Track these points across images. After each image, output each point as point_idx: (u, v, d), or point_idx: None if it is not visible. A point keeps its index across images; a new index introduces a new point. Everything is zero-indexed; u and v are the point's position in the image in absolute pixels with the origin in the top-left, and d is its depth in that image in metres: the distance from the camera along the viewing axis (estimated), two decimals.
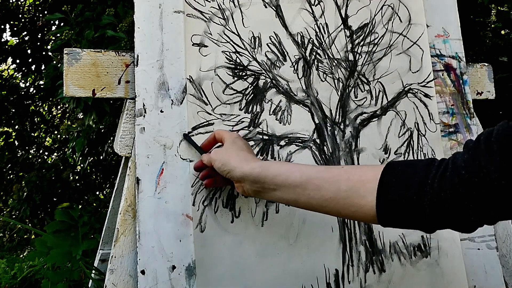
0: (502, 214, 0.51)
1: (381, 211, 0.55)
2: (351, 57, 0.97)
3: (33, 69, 3.08)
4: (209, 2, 0.89)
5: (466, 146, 0.53)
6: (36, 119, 4.12)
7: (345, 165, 0.63)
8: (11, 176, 4.16)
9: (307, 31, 0.94)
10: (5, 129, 4.14)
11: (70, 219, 1.24)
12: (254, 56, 0.90)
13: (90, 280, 1.09)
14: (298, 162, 0.83)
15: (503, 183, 0.47)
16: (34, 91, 3.81)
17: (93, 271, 1.06)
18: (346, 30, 0.97)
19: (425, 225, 0.55)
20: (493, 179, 0.48)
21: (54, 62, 2.01)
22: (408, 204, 0.53)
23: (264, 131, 0.88)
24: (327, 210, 0.63)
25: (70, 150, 2.73)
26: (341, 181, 0.60)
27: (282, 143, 0.88)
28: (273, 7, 0.93)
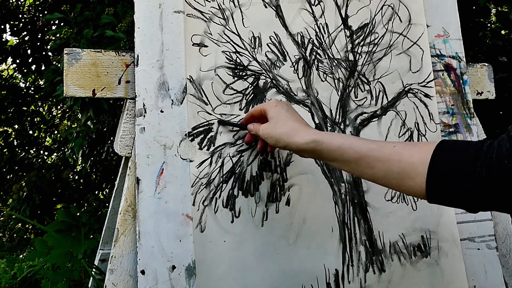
0: None
1: (431, 194, 0.59)
2: (351, 57, 0.97)
3: (33, 69, 3.08)
4: (209, 2, 0.89)
5: (508, 133, 0.54)
6: (36, 119, 4.12)
7: (397, 144, 0.64)
8: (11, 176, 4.16)
9: (307, 31, 0.94)
10: (5, 128, 4.14)
11: (72, 219, 1.24)
12: (254, 56, 0.90)
13: (90, 280, 1.09)
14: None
15: None
16: (34, 91, 3.81)
17: (94, 270, 1.06)
18: (346, 30, 0.97)
19: (471, 208, 0.58)
20: None
21: (54, 62, 2.02)
22: (457, 190, 0.56)
23: None
24: (380, 184, 0.67)
25: (69, 150, 2.73)
26: (393, 161, 0.62)
27: None
28: (273, 7, 0.93)
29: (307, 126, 0.74)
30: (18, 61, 3.10)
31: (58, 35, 1.70)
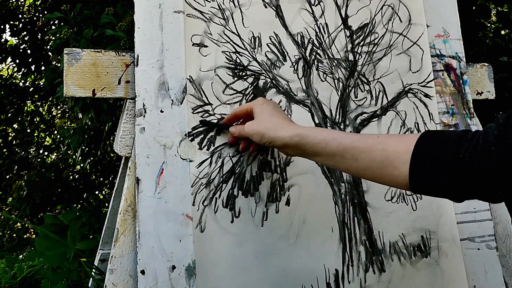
0: None
1: (414, 183, 0.58)
2: (351, 57, 0.97)
3: (33, 69, 3.08)
4: (209, 2, 0.89)
5: (496, 121, 0.53)
6: (35, 118, 4.12)
7: (380, 135, 0.65)
8: (10, 175, 4.16)
9: (307, 31, 0.94)
10: (4, 127, 4.13)
11: (61, 223, 1.25)
12: (254, 56, 0.90)
13: (90, 280, 1.09)
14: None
15: None
16: (34, 90, 3.81)
17: (94, 270, 1.06)
18: (346, 30, 0.97)
19: (454, 197, 0.58)
20: None
21: (54, 62, 2.02)
22: (440, 179, 0.56)
23: None
24: (364, 177, 0.67)
25: (66, 147, 2.72)
26: (376, 151, 0.62)
27: None
28: (273, 7, 0.93)
29: (292, 122, 0.76)
30: (18, 61, 3.10)
31: (58, 34, 1.70)
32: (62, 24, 2.00)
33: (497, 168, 0.50)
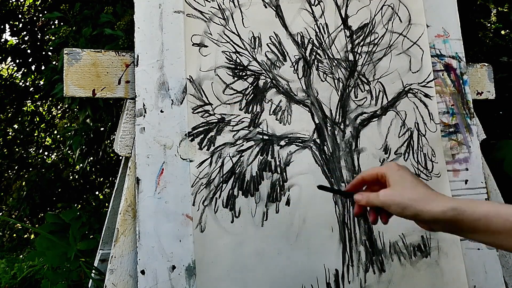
0: None
1: None
2: (351, 57, 0.97)
3: (33, 69, 3.08)
4: (209, 2, 0.89)
5: None
6: (35, 118, 4.12)
7: None
8: (10, 175, 4.15)
9: (307, 31, 0.94)
10: (3, 127, 4.13)
11: (61, 221, 1.24)
12: (254, 56, 0.90)
13: (90, 280, 1.09)
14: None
15: None
16: (34, 91, 3.81)
17: (93, 271, 1.06)
18: (346, 30, 0.97)
19: None
20: None
21: (54, 62, 2.01)
22: None
23: (264, 131, 0.87)
24: None
25: (67, 148, 2.72)
26: None
27: (282, 143, 0.88)
28: (273, 7, 0.93)
29: (438, 193, 0.65)
30: (17, 61, 3.10)
31: (57, 34, 1.70)
32: (61, 23, 2.00)
33: None
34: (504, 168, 1.35)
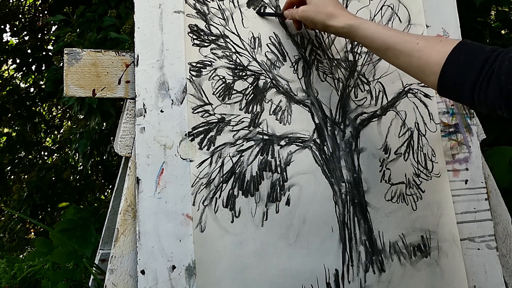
0: None
1: (441, 93, 0.69)
2: (350, 57, 0.97)
3: (33, 69, 3.08)
4: (209, 2, 0.89)
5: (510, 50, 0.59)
6: (36, 119, 4.12)
7: (420, 39, 0.71)
8: (12, 177, 4.16)
9: (307, 31, 0.94)
10: (5, 130, 4.14)
11: (80, 219, 1.25)
12: (254, 56, 0.90)
13: (90, 280, 1.10)
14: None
15: None
16: (35, 91, 3.81)
17: (94, 269, 1.06)
18: None
19: (472, 107, 0.69)
20: None
21: (55, 63, 2.02)
22: (461, 96, 0.65)
23: (264, 131, 0.88)
24: (405, 72, 0.75)
25: (73, 151, 2.73)
26: (413, 57, 0.70)
27: (282, 143, 0.88)
28: (273, 7, 0.93)
29: (345, 10, 0.81)
30: (18, 61, 3.10)
31: (61, 36, 1.71)
32: (62, 24, 2.00)
33: (506, 96, 0.58)
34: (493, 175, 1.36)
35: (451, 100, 0.70)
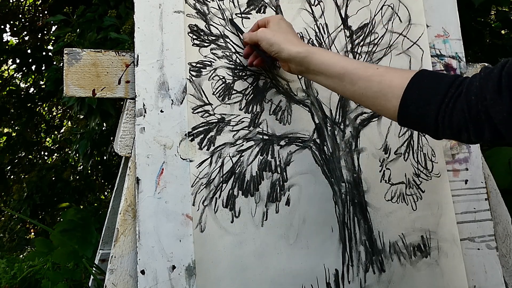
0: (498, 139, 0.57)
1: (401, 118, 0.65)
2: (351, 57, 0.97)
3: (33, 69, 3.08)
4: (209, 2, 0.89)
5: (482, 71, 0.58)
6: (36, 118, 4.12)
7: (380, 67, 0.69)
8: (12, 177, 4.16)
9: (307, 31, 0.94)
10: (5, 130, 4.14)
11: (80, 219, 1.25)
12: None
13: (90, 280, 1.10)
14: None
15: (504, 115, 0.53)
16: (35, 91, 3.81)
17: (94, 269, 1.06)
18: (346, 30, 0.97)
19: (434, 135, 0.64)
20: (497, 111, 0.53)
21: (55, 63, 2.02)
22: (425, 118, 0.62)
23: (264, 131, 0.88)
24: (359, 102, 0.73)
25: (74, 152, 2.73)
26: (373, 82, 0.67)
27: (282, 143, 0.88)
28: (273, 7, 0.93)
29: (303, 42, 0.81)
30: (18, 61, 3.10)
31: (61, 36, 1.71)
32: (62, 23, 2.00)
33: (475, 116, 0.56)
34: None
35: (410, 129, 0.66)
